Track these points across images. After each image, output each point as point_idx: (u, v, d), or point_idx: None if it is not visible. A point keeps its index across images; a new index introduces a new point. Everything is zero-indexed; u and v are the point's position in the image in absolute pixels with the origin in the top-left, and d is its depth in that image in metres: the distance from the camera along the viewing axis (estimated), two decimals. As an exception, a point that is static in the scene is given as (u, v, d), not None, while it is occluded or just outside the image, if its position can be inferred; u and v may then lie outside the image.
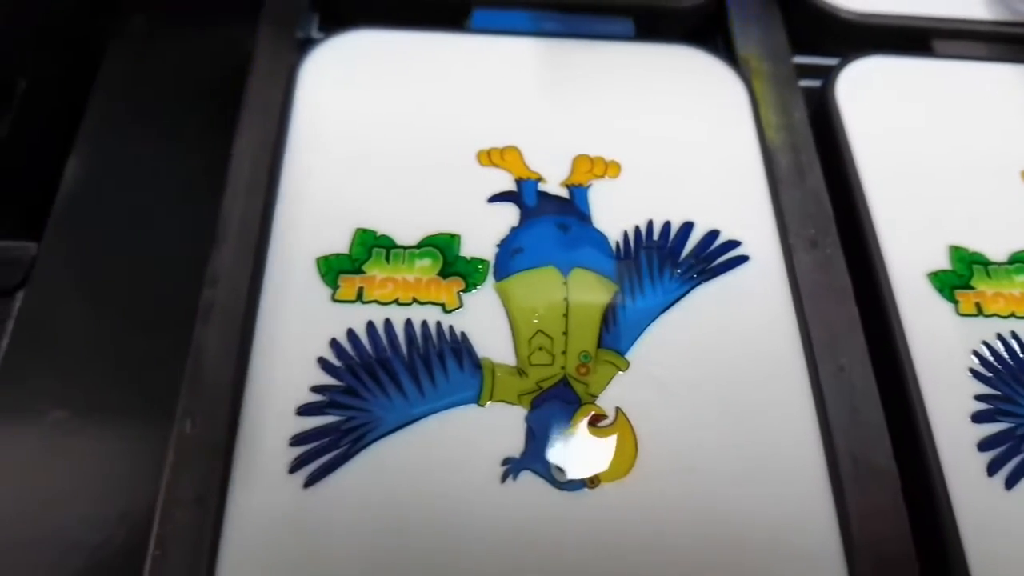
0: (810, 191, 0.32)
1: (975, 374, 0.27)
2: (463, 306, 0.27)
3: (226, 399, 0.25)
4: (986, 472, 0.25)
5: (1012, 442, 0.26)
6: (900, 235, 0.30)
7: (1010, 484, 0.25)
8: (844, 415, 0.27)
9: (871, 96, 0.34)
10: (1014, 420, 0.26)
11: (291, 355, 0.26)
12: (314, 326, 0.26)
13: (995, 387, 0.27)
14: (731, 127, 0.33)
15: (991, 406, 0.27)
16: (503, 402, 0.25)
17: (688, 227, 0.30)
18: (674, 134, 0.32)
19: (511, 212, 0.29)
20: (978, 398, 0.27)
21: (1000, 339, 0.28)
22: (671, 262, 0.29)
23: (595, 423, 0.25)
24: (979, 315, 0.29)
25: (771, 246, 0.30)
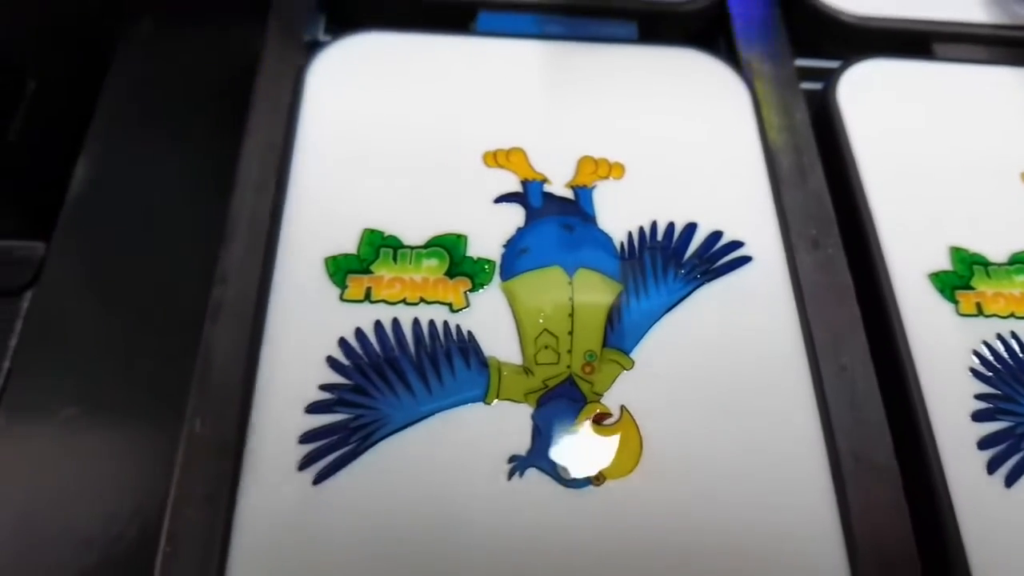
0: (812, 192, 0.32)
1: (975, 373, 0.27)
2: (470, 306, 0.27)
3: (235, 397, 0.25)
4: (986, 470, 0.26)
5: (1012, 440, 0.26)
6: (901, 236, 0.30)
7: (1010, 482, 0.25)
8: (846, 414, 0.27)
9: (872, 98, 0.34)
10: (1014, 419, 0.27)
11: (300, 354, 0.26)
12: (323, 325, 0.26)
13: (995, 386, 0.27)
14: (733, 129, 0.33)
15: (991, 405, 0.27)
16: (509, 400, 0.26)
17: (691, 228, 0.30)
18: (677, 135, 0.32)
19: (517, 213, 0.30)
20: (978, 397, 0.27)
21: (1000, 339, 0.28)
22: (675, 262, 0.29)
23: (600, 421, 0.25)
24: (979, 315, 0.29)
25: (773, 246, 0.30)
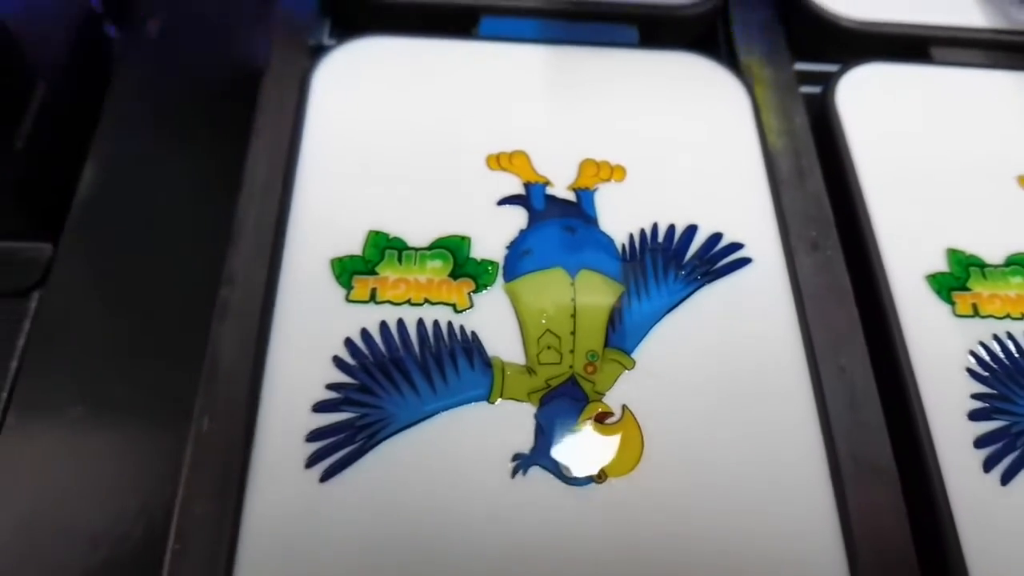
0: (811, 195, 0.32)
1: (972, 373, 0.28)
2: (473, 306, 0.27)
3: (243, 396, 0.25)
4: (982, 468, 0.26)
5: (1008, 439, 0.26)
6: (899, 238, 0.30)
7: (1006, 480, 0.26)
8: (844, 414, 0.27)
9: (871, 102, 0.34)
10: (1010, 418, 0.27)
11: (306, 354, 0.26)
12: (329, 326, 0.27)
13: (991, 386, 0.27)
14: (733, 132, 0.33)
15: (987, 404, 0.27)
16: (513, 399, 0.26)
17: (692, 230, 0.30)
18: (678, 139, 0.33)
19: (520, 215, 0.30)
20: (975, 397, 0.27)
21: (996, 339, 0.28)
22: (675, 264, 0.29)
23: (602, 420, 0.26)
24: (976, 316, 0.29)
25: (773, 248, 0.30)
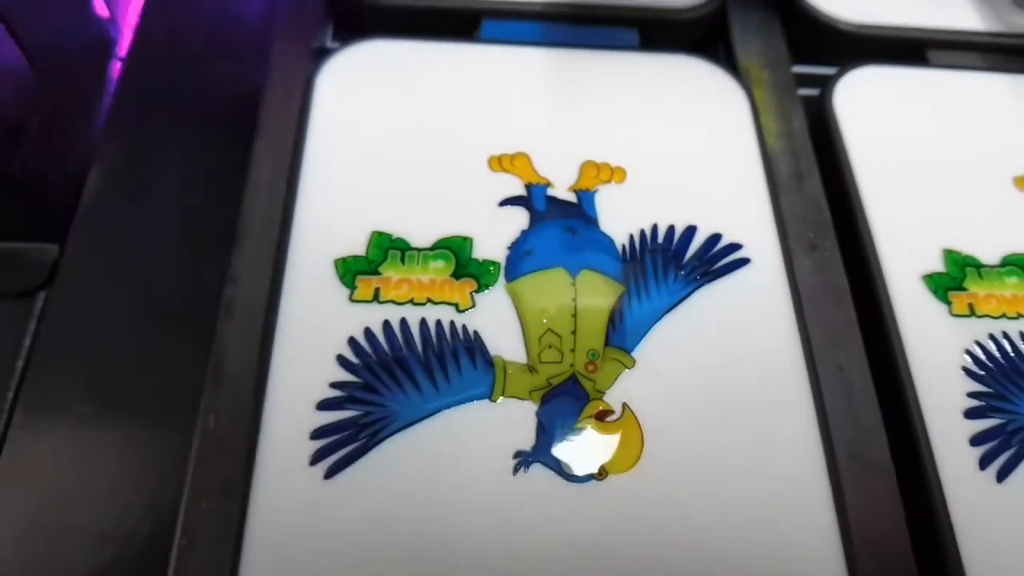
0: (809, 196, 0.32)
1: (968, 372, 0.28)
2: (475, 306, 0.28)
3: (248, 394, 0.25)
4: (978, 466, 0.26)
5: (1003, 437, 0.27)
6: (896, 239, 0.31)
7: (1001, 477, 0.26)
8: (842, 412, 0.27)
9: (868, 104, 0.35)
10: (1005, 416, 0.27)
11: (311, 353, 0.26)
12: (333, 325, 0.27)
13: (987, 384, 0.28)
14: (732, 134, 0.33)
15: (983, 403, 0.27)
16: (514, 398, 0.26)
17: (691, 231, 0.30)
18: (677, 141, 0.33)
19: (521, 216, 0.30)
20: (971, 395, 0.27)
21: (992, 339, 0.29)
22: (675, 264, 0.29)
23: (603, 418, 0.26)
24: (972, 316, 0.29)
25: (771, 249, 0.30)
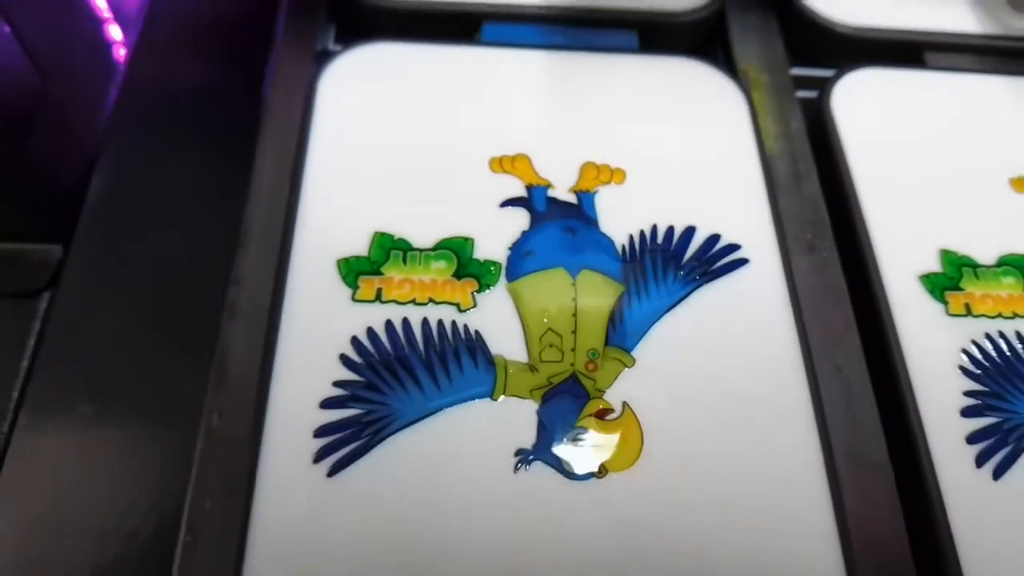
0: (807, 197, 0.32)
1: (964, 371, 0.28)
2: (477, 306, 0.28)
3: (252, 394, 0.26)
4: (975, 464, 0.26)
5: (999, 435, 0.27)
6: (893, 239, 0.31)
7: (997, 475, 0.26)
8: (840, 412, 0.27)
9: (866, 106, 0.35)
10: (1001, 415, 0.27)
11: (314, 352, 0.26)
12: (335, 325, 0.27)
13: (983, 383, 0.28)
14: (731, 136, 0.33)
15: (979, 401, 0.27)
16: (515, 396, 0.26)
17: (690, 231, 0.30)
18: (676, 142, 0.33)
19: (522, 216, 0.30)
20: (967, 394, 0.28)
21: (988, 338, 0.29)
22: (674, 264, 0.29)
23: (603, 416, 0.26)
24: (968, 315, 0.29)
25: (770, 250, 0.30)
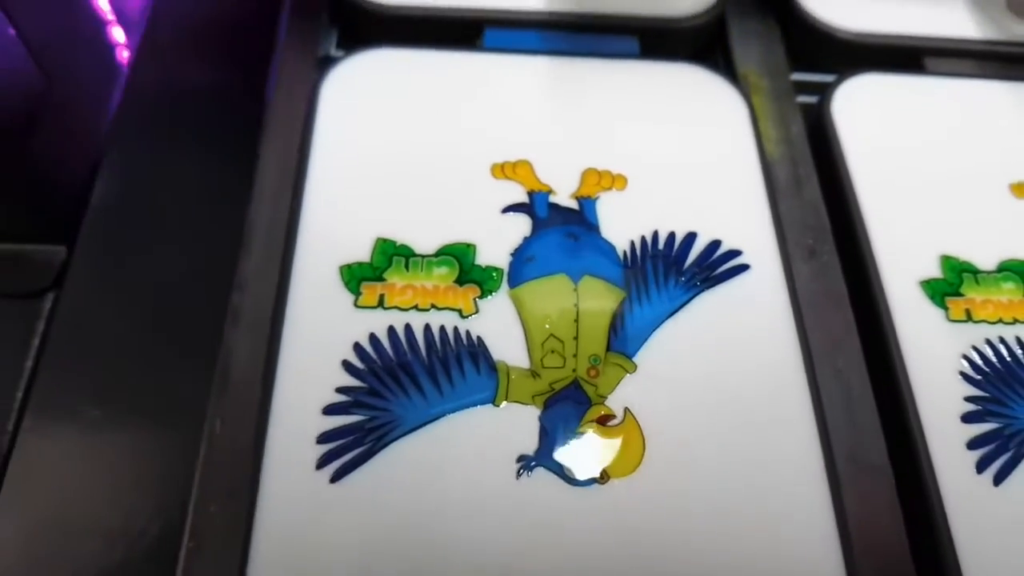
0: (808, 202, 0.32)
1: (965, 377, 0.28)
2: (479, 312, 0.28)
3: (255, 399, 0.26)
4: (975, 469, 0.26)
5: (1000, 441, 0.27)
6: (894, 244, 0.31)
7: (998, 480, 0.26)
8: (841, 416, 0.27)
9: (866, 111, 0.35)
10: (1002, 420, 0.27)
11: (317, 358, 0.26)
12: (338, 331, 0.27)
13: (984, 389, 0.28)
14: (732, 141, 0.33)
15: (980, 407, 0.27)
16: (517, 402, 0.26)
17: (692, 237, 0.30)
18: (677, 148, 0.33)
19: (524, 223, 0.30)
20: (968, 399, 0.28)
21: (988, 343, 0.29)
22: (676, 270, 0.30)
23: (604, 422, 0.26)
24: (968, 321, 0.29)
25: (771, 255, 0.30)
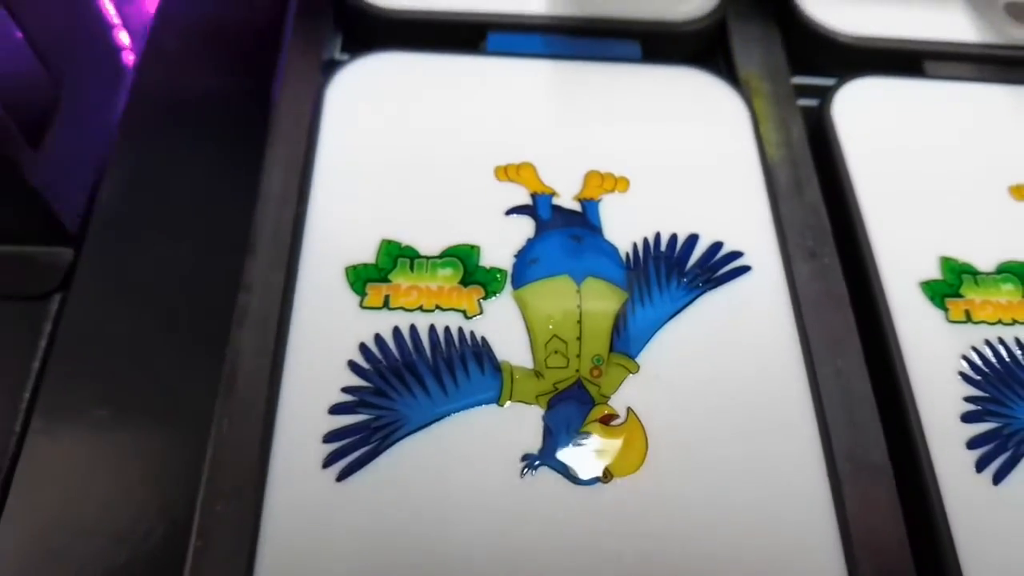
0: (808, 204, 0.33)
1: (964, 377, 0.28)
2: (483, 313, 0.28)
3: (261, 399, 0.26)
4: (975, 468, 0.26)
5: (999, 440, 0.27)
6: (894, 246, 0.31)
7: (997, 479, 0.26)
8: (841, 415, 0.27)
9: (866, 114, 0.35)
10: (1001, 420, 0.27)
11: (323, 358, 0.27)
12: (344, 331, 0.27)
13: (983, 389, 0.28)
14: (733, 144, 0.34)
15: (979, 407, 0.28)
16: (521, 402, 0.26)
17: (693, 239, 0.31)
18: (679, 150, 0.33)
19: (527, 224, 0.30)
20: (967, 399, 0.28)
21: (988, 344, 0.29)
22: (678, 271, 0.30)
23: (607, 422, 0.26)
24: (968, 322, 0.30)
25: (772, 256, 0.30)
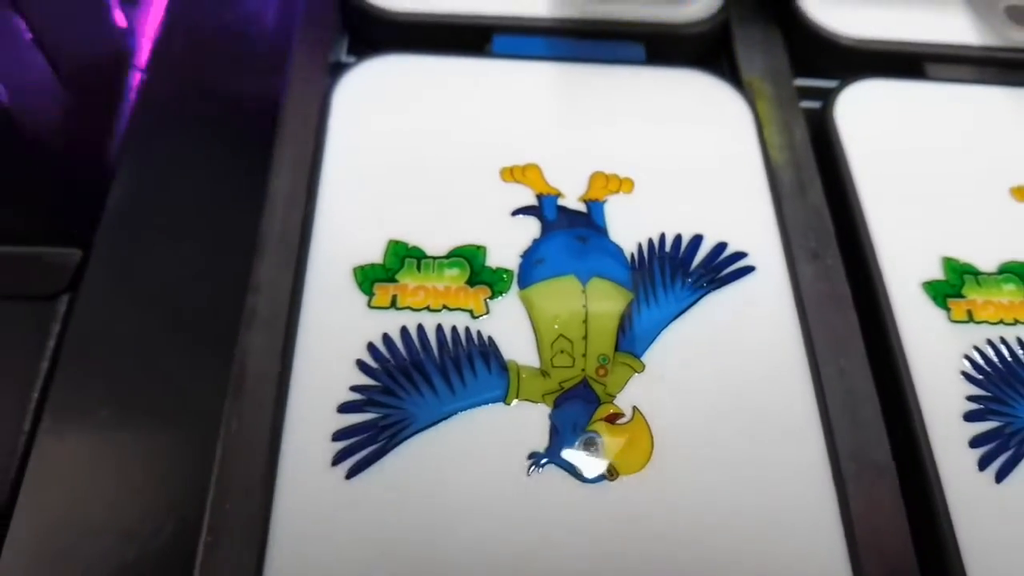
0: (811, 206, 0.33)
1: (967, 376, 0.28)
2: (489, 312, 0.28)
3: (270, 399, 0.26)
4: (977, 467, 0.27)
5: (1001, 439, 0.27)
6: (896, 247, 0.31)
7: (1000, 478, 0.26)
8: (845, 415, 0.28)
9: (868, 117, 0.35)
10: (1003, 419, 0.28)
11: (331, 358, 0.27)
12: (352, 331, 0.27)
13: (985, 388, 0.28)
14: (736, 146, 0.34)
15: (982, 406, 0.28)
16: (528, 401, 0.27)
17: (698, 239, 0.31)
18: (683, 152, 0.33)
19: (533, 225, 0.31)
20: (970, 399, 0.28)
21: (990, 344, 0.29)
22: (682, 272, 0.30)
23: (613, 421, 0.27)
24: (970, 322, 0.30)
25: (775, 257, 0.31)
